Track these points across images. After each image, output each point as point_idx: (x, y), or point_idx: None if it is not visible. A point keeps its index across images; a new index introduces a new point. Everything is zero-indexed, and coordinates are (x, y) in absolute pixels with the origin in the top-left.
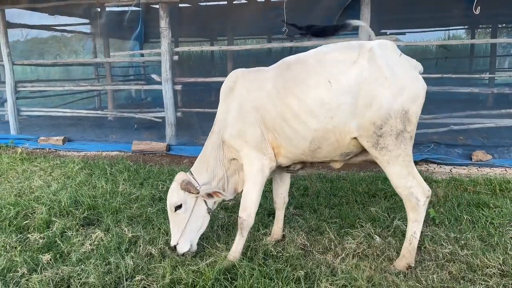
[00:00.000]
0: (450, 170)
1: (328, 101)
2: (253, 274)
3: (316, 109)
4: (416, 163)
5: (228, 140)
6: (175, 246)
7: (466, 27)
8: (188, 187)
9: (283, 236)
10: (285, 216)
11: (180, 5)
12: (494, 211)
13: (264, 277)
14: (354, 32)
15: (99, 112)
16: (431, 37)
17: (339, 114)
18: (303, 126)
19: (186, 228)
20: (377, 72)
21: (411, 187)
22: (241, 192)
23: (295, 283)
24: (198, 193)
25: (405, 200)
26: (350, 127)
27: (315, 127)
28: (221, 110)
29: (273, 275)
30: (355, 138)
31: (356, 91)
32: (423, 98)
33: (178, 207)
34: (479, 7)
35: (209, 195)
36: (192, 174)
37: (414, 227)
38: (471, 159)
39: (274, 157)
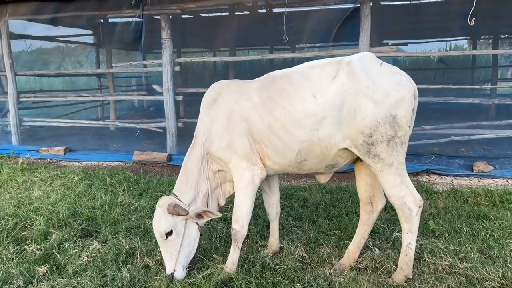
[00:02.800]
0: (451, 181)
1: (314, 114)
2: (250, 287)
3: (302, 120)
4: (417, 174)
5: (216, 152)
6: (171, 274)
7: (467, 37)
8: (176, 210)
9: (281, 247)
10: (283, 227)
11: (182, 16)
12: (495, 223)
13: None
14: (354, 42)
15: (100, 122)
16: (433, 48)
17: (324, 127)
18: (291, 137)
19: (180, 253)
20: (358, 84)
21: (404, 196)
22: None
23: None
24: (187, 214)
25: (398, 211)
26: (336, 139)
27: (301, 139)
28: (203, 122)
29: None
30: (342, 149)
31: (339, 104)
32: (409, 102)
33: (169, 233)
34: (474, 18)
35: (199, 216)
36: (175, 196)
37: (409, 238)
38: (472, 170)
39: (266, 166)
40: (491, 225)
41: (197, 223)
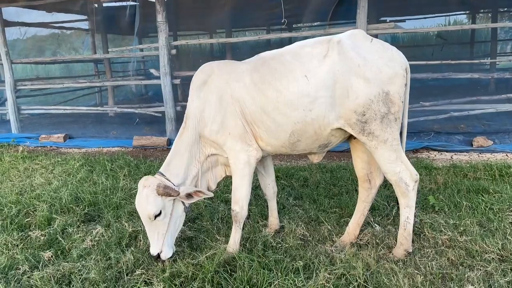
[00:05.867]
0: (451, 157)
1: (307, 94)
2: (252, 266)
3: (295, 101)
4: (416, 150)
5: (209, 135)
6: (158, 254)
7: (467, 12)
8: (167, 191)
9: (282, 226)
10: (284, 207)
11: None
12: (494, 197)
13: (263, 268)
14: (352, 20)
15: (99, 108)
16: (432, 24)
17: (318, 107)
18: (284, 118)
19: (167, 233)
20: (349, 63)
21: (400, 172)
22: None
23: (294, 274)
24: (178, 195)
25: (395, 186)
26: (329, 119)
27: (295, 120)
28: (194, 105)
29: (272, 266)
30: (336, 129)
31: (332, 84)
32: (402, 77)
33: (158, 214)
34: None
35: (189, 196)
36: (163, 175)
37: (407, 213)
38: (472, 145)
39: (260, 147)
40: (490, 199)
41: (183, 204)
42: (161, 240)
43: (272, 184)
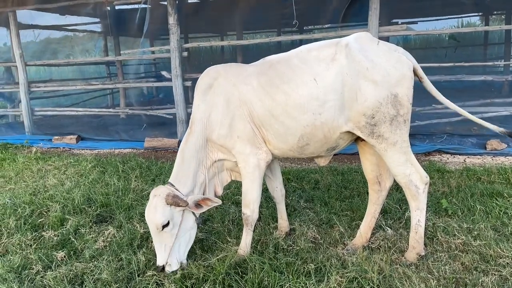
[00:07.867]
0: (464, 160)
1: (316, 97)
2: (263, 268)
3: (305, 104)
4: (429, 153)
5: (217, 139)
6: (163, 266)
7: (480, 14)
8: (176, 201)
9: (293, 229)
10: (295, 209)
11: (188, 0)
12: (508, 201)
13: (274, 271)
14: (363, 22)
15: (111, 110)
16: (444, 26)
17: (327, 111)
18: (293, 122)
19: (174, 245)
20: (357, 66)
21: (410, 174)
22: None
23: (305, 277)
24: (187, 205)
25: (405, 189)
26: (338, 122)
27: (304, 124)
28: (200, 109)
29: (283, 268)
30: (344, 132)
31: (340, 87)
32: (410, 79)
33: (166, 225)
34: None
35: (198, 205)
36: (173, 185)
37: (418, 215)
38: (485, 148)
39: (269, 150)
40: (505, 203)
41: (194, 215)
42: (167, 252)
43: (280, 187)
